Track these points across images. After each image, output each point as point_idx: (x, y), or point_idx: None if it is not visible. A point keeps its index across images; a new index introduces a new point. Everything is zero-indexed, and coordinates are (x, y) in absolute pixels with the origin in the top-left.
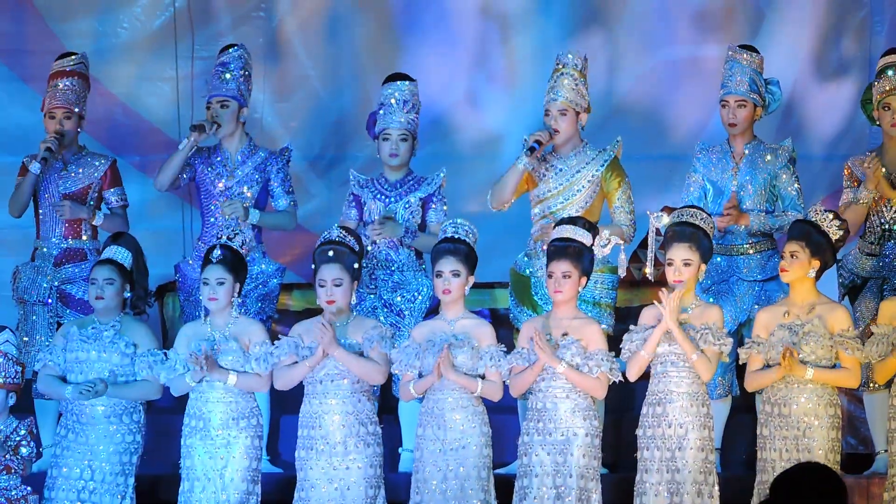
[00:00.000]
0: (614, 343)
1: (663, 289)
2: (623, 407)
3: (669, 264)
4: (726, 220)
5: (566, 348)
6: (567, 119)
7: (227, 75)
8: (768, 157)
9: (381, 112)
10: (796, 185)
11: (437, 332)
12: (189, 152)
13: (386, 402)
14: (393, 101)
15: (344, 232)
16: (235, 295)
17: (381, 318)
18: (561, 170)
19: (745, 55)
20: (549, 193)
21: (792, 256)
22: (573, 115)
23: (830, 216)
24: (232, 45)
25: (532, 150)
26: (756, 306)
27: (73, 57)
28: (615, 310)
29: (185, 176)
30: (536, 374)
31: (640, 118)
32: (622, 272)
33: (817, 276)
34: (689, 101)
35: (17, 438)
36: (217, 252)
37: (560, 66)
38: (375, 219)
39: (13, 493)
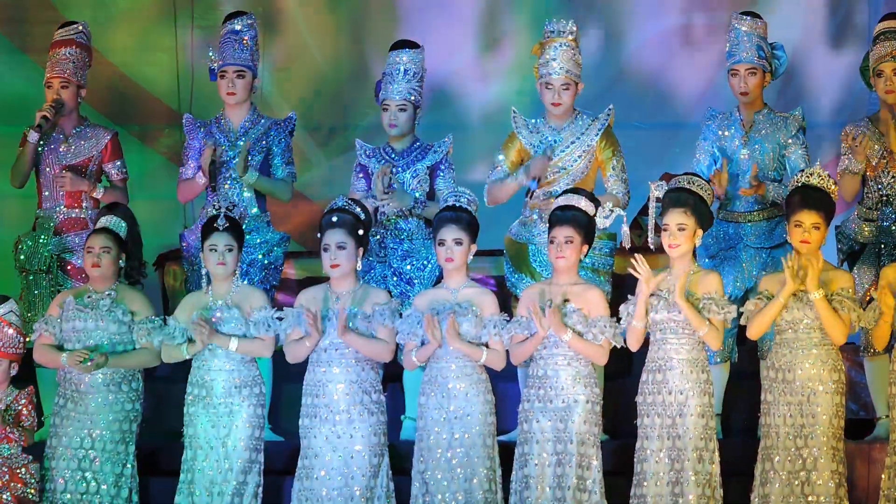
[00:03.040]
0: (611, 309)
1: (636, 255)
2: (621, 373)
3: (665, 229)
4: (749, 190)
5: (567, 316)
6: (569, 92)
7: (243, 44)
8: (778, 126)
9: (384, 81)
10: (806, 156)
11: (439, 301)
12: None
13: (391, 370)
14: (394, 69)
15: (350, 201)
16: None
17: (391, 286)
18: (555, 142)
19: (749, 21)
20: None
21: (815, 227)
22: (574, 87)
23: (829, 178)
24: (242, 13)
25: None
26: (763, 272)
27: (73, 26)
28: (612, 276)
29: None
30: (537, 344)
31: (641, 86)
32: (626, 243)
33: None
34: (689, 69)
35: (18, 408)
36: (223, 220)
37: (553, 36)
38: (377, 179)
39: (14, 462)
